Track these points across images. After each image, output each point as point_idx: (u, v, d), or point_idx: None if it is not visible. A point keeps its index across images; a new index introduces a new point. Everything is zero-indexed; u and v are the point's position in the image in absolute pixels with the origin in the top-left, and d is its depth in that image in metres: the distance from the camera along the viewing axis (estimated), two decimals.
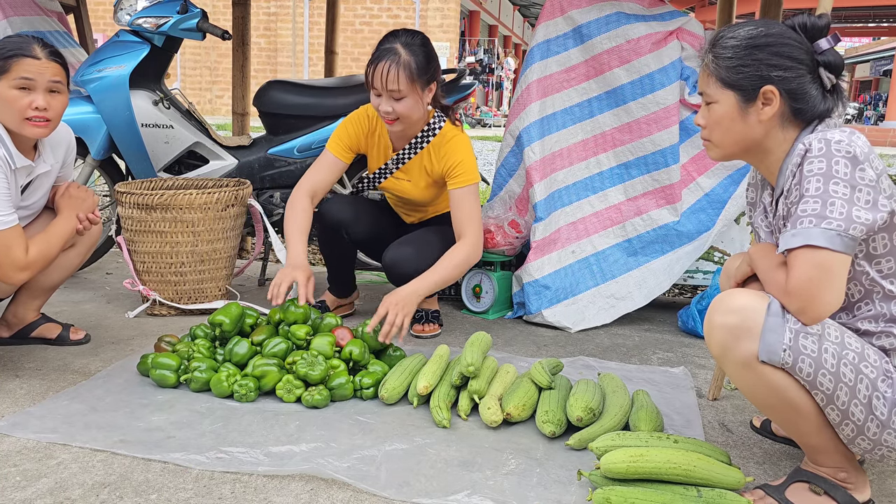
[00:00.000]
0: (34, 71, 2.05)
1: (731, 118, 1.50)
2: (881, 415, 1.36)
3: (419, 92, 2.37)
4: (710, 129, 1.54)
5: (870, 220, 1.32)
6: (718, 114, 1.51)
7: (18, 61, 2.03)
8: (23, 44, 2.06)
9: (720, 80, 1.50)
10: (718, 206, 2.95)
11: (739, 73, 1.47)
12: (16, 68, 2.03)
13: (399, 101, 2.35)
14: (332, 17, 4.35)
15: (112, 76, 3.11)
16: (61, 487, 1.56)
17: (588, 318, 2.85)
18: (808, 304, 1.34)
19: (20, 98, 2.04)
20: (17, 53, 2.03)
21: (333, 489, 1.58)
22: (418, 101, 2.38)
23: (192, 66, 18.96)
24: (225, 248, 2.86)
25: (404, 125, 2.43)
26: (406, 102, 2.36)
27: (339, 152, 2.58)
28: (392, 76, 2.30)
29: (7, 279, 2.10)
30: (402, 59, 2.31)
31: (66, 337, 2.44)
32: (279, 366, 2.08)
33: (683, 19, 3.02)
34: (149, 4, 3.19)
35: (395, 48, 2.33)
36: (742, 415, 2.05)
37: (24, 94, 2.04)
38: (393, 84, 2.31)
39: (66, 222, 2.23)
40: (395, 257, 2.52)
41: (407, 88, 2.33)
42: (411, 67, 2.32)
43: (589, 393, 1.89)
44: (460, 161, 2.46)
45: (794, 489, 1.50)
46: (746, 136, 1.50)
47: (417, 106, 2.39)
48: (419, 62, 2.34)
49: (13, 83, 2.03)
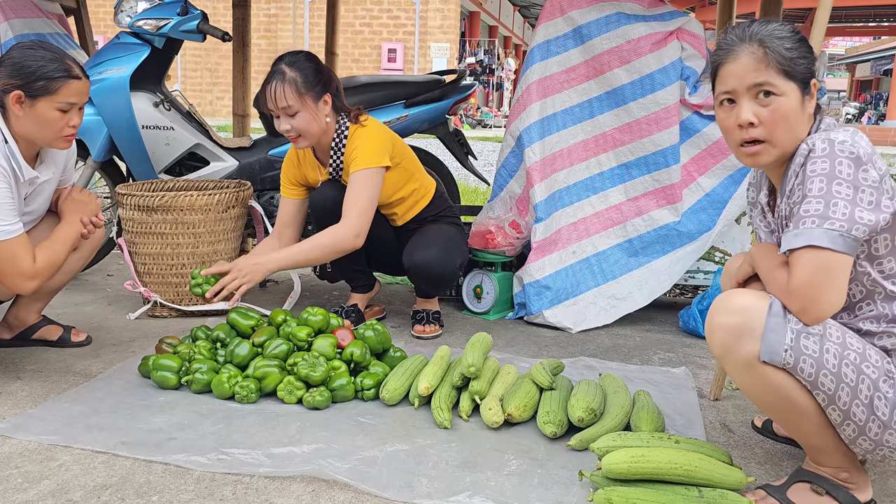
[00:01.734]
0: (79, 93, 2.07)
1: (796, 113, 1.42)
2: (882, 415, 1.36)
3: (311, 105, 2.45)
4: (771, 126, 1.42)
5: (872, 221, 1.32)
6: (786, 107, 1.41)
7: (67, 84, 2.03)
8: (65, 64, 2.04)
9: (783, 71, 1.40)
10: (719, 206, 2.95)
11: (798, 64, 1.42)
12: (63, 91, 2.03)
13: (293, 116, 2.43)
14: (332, 18, 4.35)
15: (113, 78, 3.12)
16: (63, 489, 1.56)
17: (589, 319, 2.85)
18: (809, 305, 1.33)
19: (60, 119, 2.05)
20: (64, 76, 2.02)
21: (335, 490, 1.58)
22: (313, 114, 2.46)
23: (192, 67, 18.97)
24: (226, 249, 2.86)
25: (308, 139, 2.50)
26: (301, 117, 2.44)
27: (289, 192, 2.72)
28: (279, 94, 2.41)
29: (16, 289, 2.10)
30: (288, 76, 2.41)
31: (67, 339, 2.44)
32: (280, 367, 2.08)
33: (683, 19, 3.02)
34: (149, 6, 3.20)
35: (281, 68, 2.44)
36: (743, 415, 2.04)
37: (64, 115, 2.05)
38: (282, 101, 2.41)
39: (70, 227, 2.23)
40: (421, 259, 2.56)
41: (297, 103, 2.42)
42: (297, 82, 2.41)
43: (590, 393, 1.89)
44: (356, 147, 2.53)
45: (795, 489, 1.50)
46: (802, 131, 1.44)
47: (315, 119, 2.47)
48: (305, 76, 2.43)
49: (57, 105, 2.03)
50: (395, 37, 18.59)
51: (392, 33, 18.60)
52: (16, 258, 2.03)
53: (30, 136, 2.07)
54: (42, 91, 2.01)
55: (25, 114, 2.03)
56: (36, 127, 2.05)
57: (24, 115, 2.03)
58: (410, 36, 18.55)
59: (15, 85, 2.00)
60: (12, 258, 2.02)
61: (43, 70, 2.00)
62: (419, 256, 2.57)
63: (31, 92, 2.01)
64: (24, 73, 2.00)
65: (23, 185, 2.13)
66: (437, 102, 3.48)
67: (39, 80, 2.00)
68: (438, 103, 3.49)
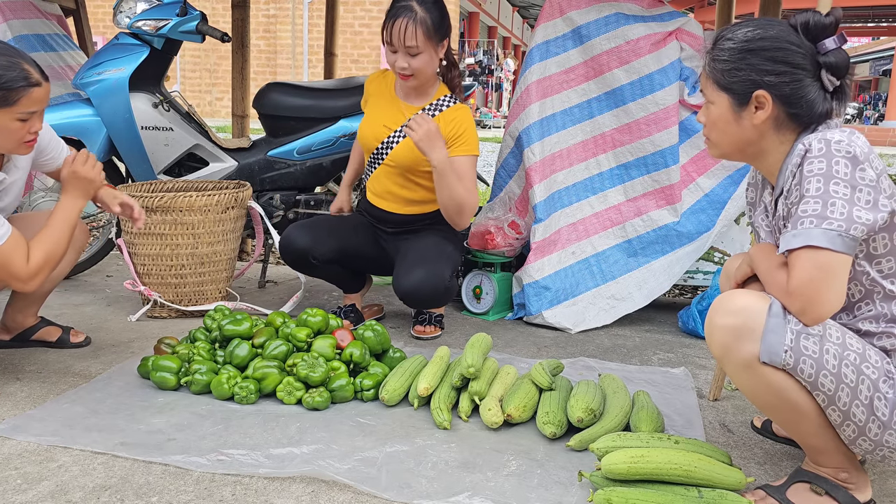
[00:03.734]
0: (39, 100, 1.93)
1: (725, 120, 1.50)
2: (882, 415, 1.36)
3: (434, 48, 2.46)
4: (708, 128, 1.56)
5: (870, 221, 1.32)
6: (714, 115, 1.52)
7: (27, 94, 1.88)
8: (22, 71, 1.87)
9: (715, 82, 1.50)
10: (718, 207, 2.95)
11: (733, 76, 1.46)
12: (24, 102, 1.89)
13: (415, 56, 2.43)
14: (331, 18, 4.35)
15: (112, 79, 3.12)
16: (62, 490, 1.56)
17: (588, 319, 2.85)
18: (809, 305, 1.33)
19: (21, 128, 1.93)
20: (24, 85, 1.87)
21: (334, 491, 1.58)
22: (433, 56, 2.48)
23: (191, 68, 18.96)
24: (225, 250, 2.86)
25: (419, 80, 2.52)
26: (422, 58, 2.44)
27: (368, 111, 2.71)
28: (409, 33, 2.39)
29: (18, 290, 2.04)
30: (419, 15, 2.39)
31: (66, 340, 2.43)
32: (280, 368, 2.08)
33: (682, 20, 3.02)
34: (148, 7, 3.19)
35: (411, 5, 2.41)
36: (743, 415, 2.04)
37: (25, 123, 1.93)
38: (411, 40, 2.40)
39: (69, 209, 2.04)
40: (409, 285, 2.47)
41: (423, 44, 2.42)
42: (427, 24, 2.40)
43: (589, 394, 1.89)
44: (465, 128, 2.53)
45: (795, 489, 1.50)
46: (741, 138, 1.50)
47: (432, 61, 2.49)
48: (434, 18, 2.43)
49: (18, 115, 1.90)
50: None
51: None
52: (9, 262, 1.91)
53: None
54: (1, 102, 1.86)
55: None
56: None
57: None
58: None
59: None
60: (6, 263, 1.90)
61: (0, 80, 1.84)
62: (406, 283, 2.47)
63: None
64: None
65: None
66: None
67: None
68: None
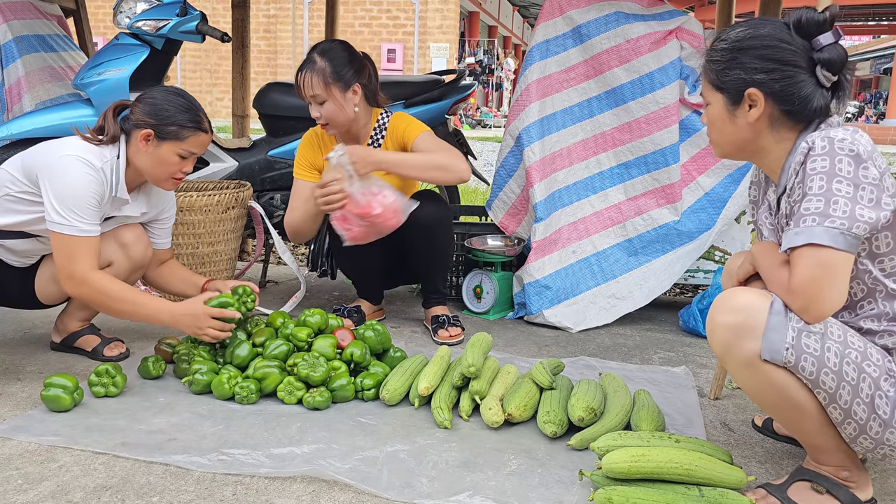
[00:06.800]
0: (202, 144, 2.18)
1: (722, 120, 1.53)
2: (884, 414, 1.36)
3: (339, 93, 2.49)
4: (709, 128, 1.59)
5: (873, 219, 1.32)
6: (712, 115, 1.55)
7: (195, 136, 2.15)
8: (197, 116, 2.15)
9: (710, 82, 1.53)
10: (719, 206, 2.95)
11: (725, 76, 1.49)
12: (191, 141, 2.14)
13: (322, 104, 2.49)
14: (331, 18, 4.34)
15: (112, 79, 3.11)
16: (63, 490, 1.56)
17: (589, 318, 2.85)
18: (811, 303, 1.33)
19: (178, 164, 2.15)
20: (194, 127, 2.14)
21: (335, 490, 1.58)
22: (340, 103, 2.50)
23: (191, 68, 18.97)
24: (225, 250, 2.86)
25: (335, 128, 2.56)
26: (328, 106, 2.49)
27: (303, 175, 2.68)
28: (307, 82, 2.48)
29: (62, 285, 2.08)
30: (317, 65, 2.48)
31: (100, 351, 2.34)
32: (280, 368, 2.08)
33: (683, 18, 3.02)
34: (148, 7, 3.19)
35: (312, 57, 2.50)
36: (744, 414, 2.04)
37: (182, 160, 2.16)
38: (310, 90, 2.48)
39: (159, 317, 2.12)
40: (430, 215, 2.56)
41: (324, 92, 2.47)
42: (325, 72, 2.47)
43: (590, 393, 1.89)
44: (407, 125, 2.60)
45: (796, 488, 1.50)
46: (738, 137, 1.52)
47: (341, 109, 2.51)
48: (335, 66, 2.48)
49: (180, 151, 2.14)
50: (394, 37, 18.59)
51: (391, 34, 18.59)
52: (73, 256, 2.03)
53: (143, 169, 2.16)
54: (171, 135, 2.12)
55: (149, 151, 2.13)
56: (152, 164, 2.14)
57: (147, 151, 2.13)
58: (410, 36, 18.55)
59: (149, 123, 2.11)
60: (70, 254, 2.02)
61: (177, 117, 2.12)
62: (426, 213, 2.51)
63: (161, 134, 2.11)
64: (160, 115, 2.11)
65: (112, 204, 2.17)
66: (436, 102, 3.48)
67: (172, 125, 2.12)
68: (438, 103, 3.49)
